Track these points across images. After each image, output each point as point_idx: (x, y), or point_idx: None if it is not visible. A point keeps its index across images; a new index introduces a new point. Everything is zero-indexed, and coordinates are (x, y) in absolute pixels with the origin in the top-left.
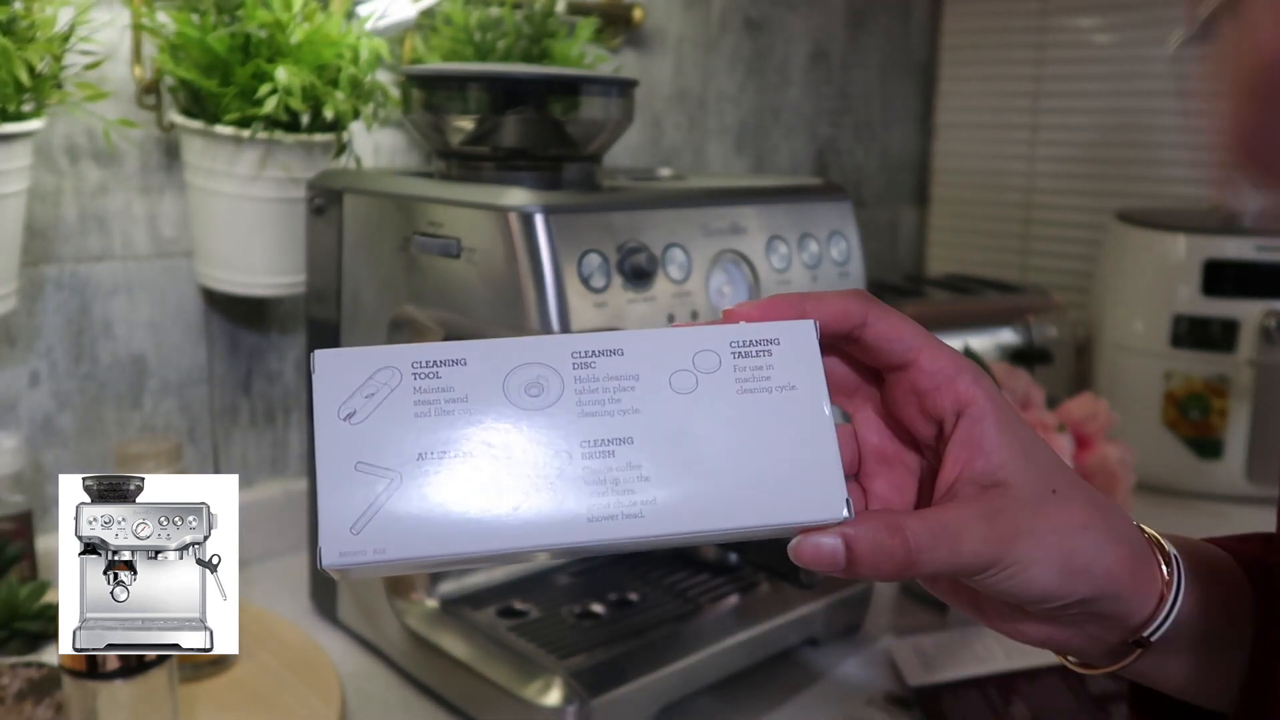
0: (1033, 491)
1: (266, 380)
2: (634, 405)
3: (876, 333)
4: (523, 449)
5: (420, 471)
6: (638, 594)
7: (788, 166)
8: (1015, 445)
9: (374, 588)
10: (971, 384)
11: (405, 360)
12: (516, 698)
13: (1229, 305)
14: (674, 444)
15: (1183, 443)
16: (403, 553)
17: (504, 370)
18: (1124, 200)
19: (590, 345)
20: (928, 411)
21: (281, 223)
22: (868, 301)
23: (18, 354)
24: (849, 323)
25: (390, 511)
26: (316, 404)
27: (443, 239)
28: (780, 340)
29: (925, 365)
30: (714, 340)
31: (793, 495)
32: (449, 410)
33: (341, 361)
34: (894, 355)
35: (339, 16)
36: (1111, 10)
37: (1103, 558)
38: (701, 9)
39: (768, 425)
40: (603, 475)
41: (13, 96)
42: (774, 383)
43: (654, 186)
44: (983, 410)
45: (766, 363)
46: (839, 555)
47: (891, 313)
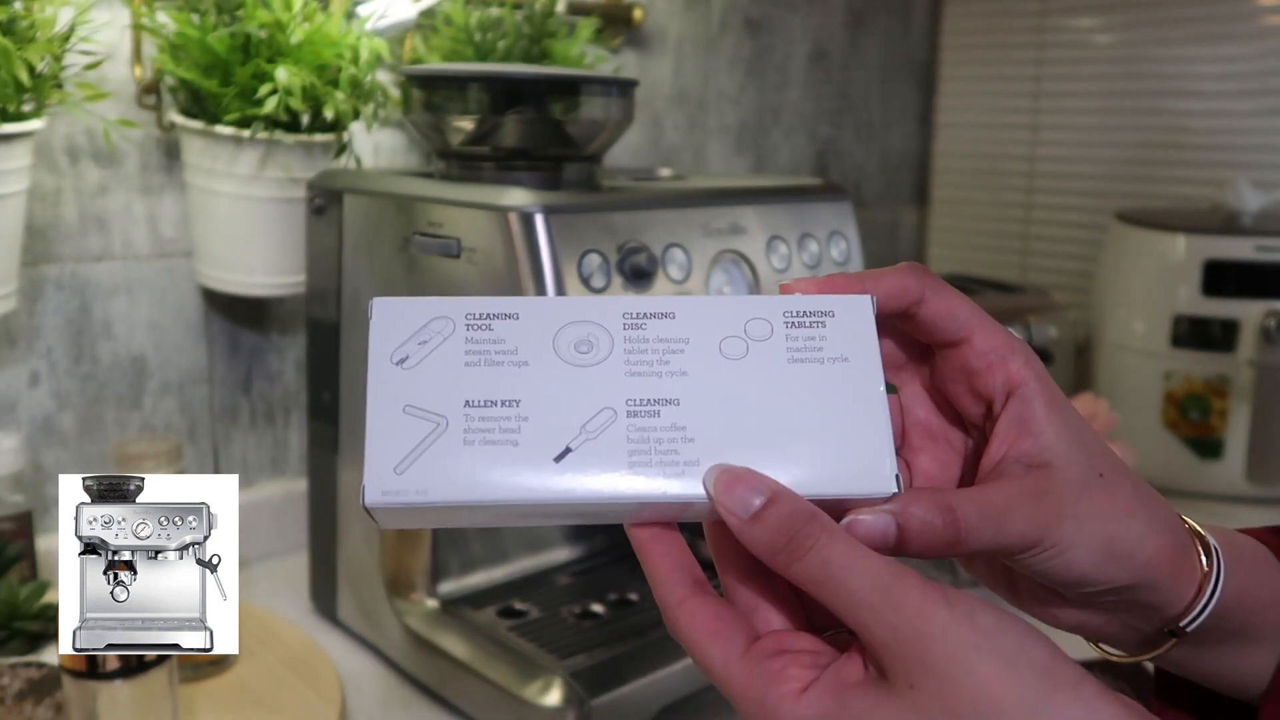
0: (1079, 474)
1: (266, 380)
2: (682, 368)
3: (932, 309)
4: (569, 404)
5: (467, 418)
6: (638, 594)
7: (788, 166)
8: (1064, 428)
9: (374, 588)
10: (1023, 365)
11: (459, 311)
12: (516, 698)
13: (1229, 305)
14: (721, 408)
15: (1183, 443)
16: (443, 496)
17: (555, 326)
18: (1124, 200)
19: (642, 307)
20: (977, 390)
21: (281, 223)
22: (924, 277)
23: (18, 354)
24: (906, 299)
25: (435, 454)
26: (371, 348)
27: (443, 239)
28: (835, 313)
29: (978, 344)
30: (767, 309)
31: (841, 467)
32: (498, 361)
33: (398, 309)
34: (948, 332)
35: (339, 16)
36: (1111, 10)
37: (1144, 546)
38: (701, 9)
39: (819, 396)
40: (647, 434)
41: (13, 96)
42: (826, 354)
43: (654, 186)
44: (1033, 391)
45: (820, 334)
46: (890, 533)
47: (947, 289)
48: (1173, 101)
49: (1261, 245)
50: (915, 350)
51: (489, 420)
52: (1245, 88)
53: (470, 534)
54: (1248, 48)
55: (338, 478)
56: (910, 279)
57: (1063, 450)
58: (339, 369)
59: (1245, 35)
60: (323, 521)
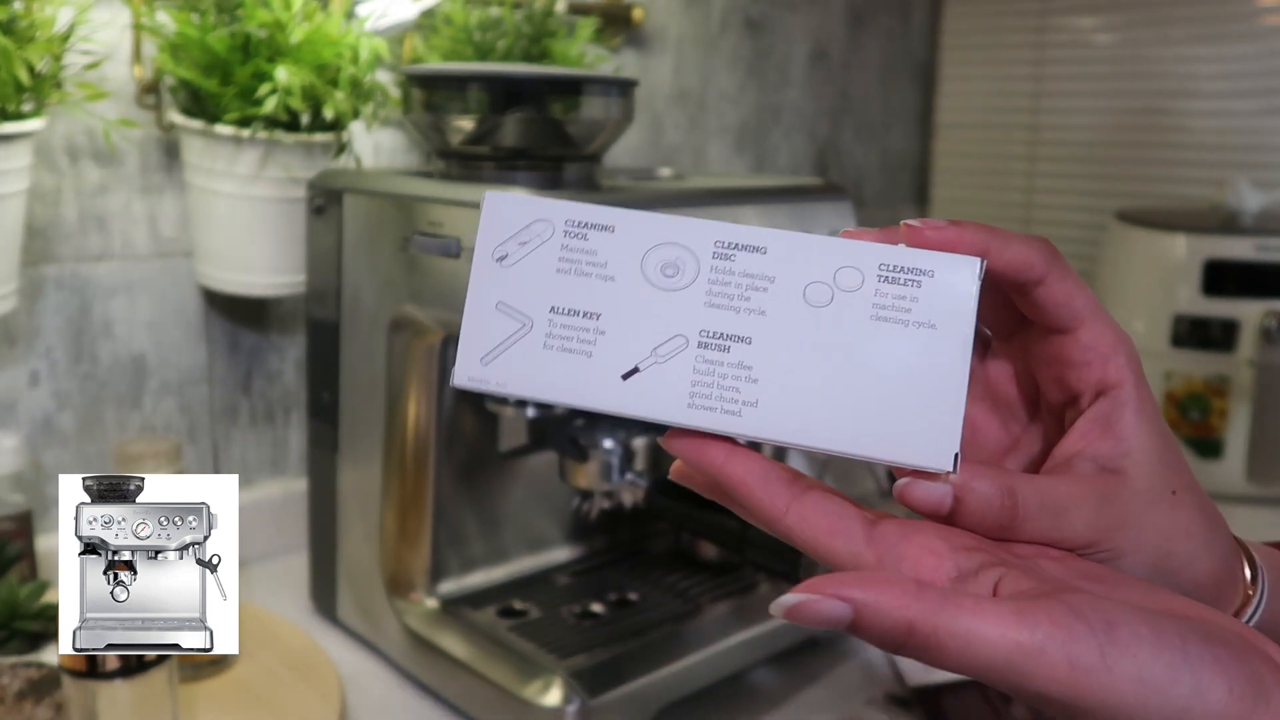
0: (1150, 486)
1: (266, 380)
2: (761, 306)
3: (1049, 293)
4: (645, 324)
5: (550, 323)
6: (638, 594)
7: (788, 166)
8: (1148, 437)
9: (374, 588)
10: (1124, 367)
11: (561, 216)
12: (516, 698)
13: (1229, 305)
14: (790, 353)
15: (1183, 443)
16: (520, 391)
17: (646, 245)
18: (1124, 200)
19: (735, 237)
20: (1068, 382)
21: (281, 223)
22: (1052, 259)
23: (18, 354)
24: (1026, 275)
25: (517, 352)
26: (480, 240)
27: (443, 239)
28: (935, 273)
29: (1083, 338)
30: (863, 257)
31: (900, 433)
32: (587, 273)
33: (506, 205)
34: (1058, 319)
35: (339, 16)
36: (1111, 10)
37: (1194, 566)
38: (701, 9)
39: (894, 359)
40: (713, 367)
41: (13, 96)
42: (914, 317)
43: (654, 186)
44: (1127, 396)
45: (912, 294)
46: (946, 504)
47: (1070, 275)
48: (1173, 101)
49: (1261, 245)
50: (1017, 317)
51: (569, 328)
52: (1245, 88)
53: (470, 534)
54: (1248, 48)
55: (338, 477)
56: (1037, 257)
57: (1142, 460)
58: (339, 369)
59: (1245, 35)
60: (323, 521)
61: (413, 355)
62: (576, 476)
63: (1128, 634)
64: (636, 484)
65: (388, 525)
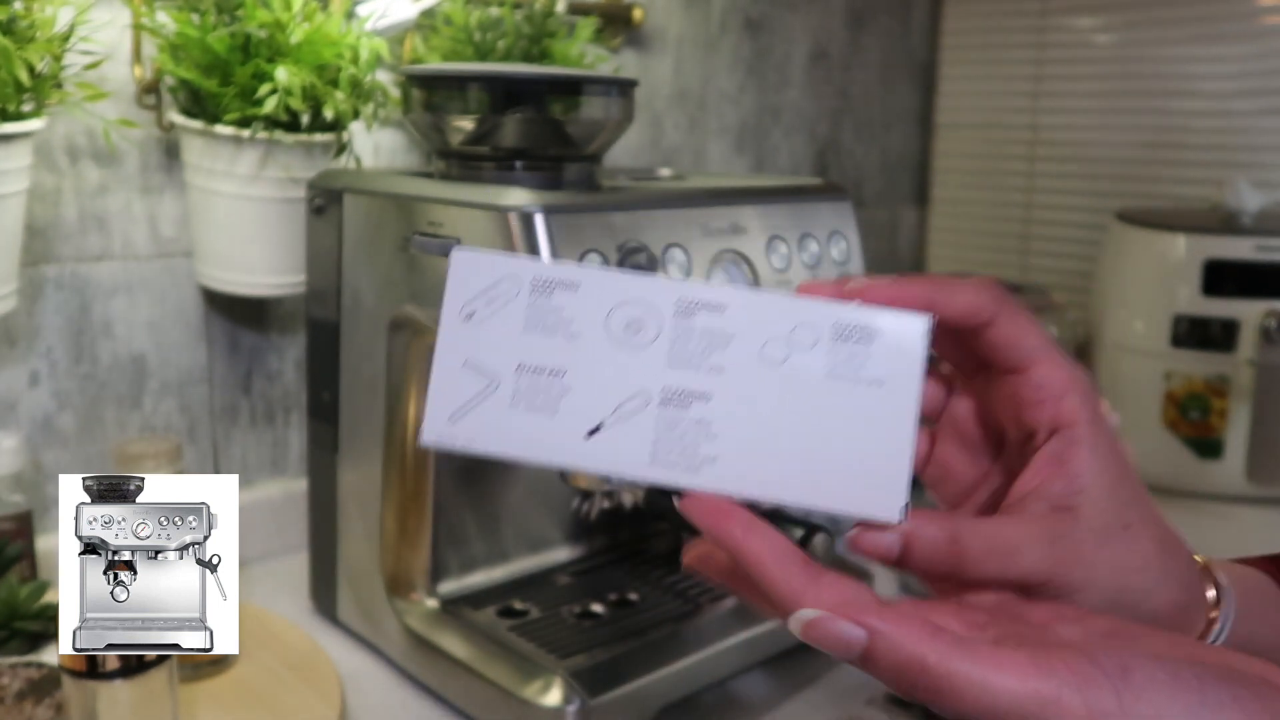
0: (1104, 523)
1: (266, 380)
2: (720, 364)
3: (998, 335)
4: (609, 382)
5: (516, 381)
6: (638, 594)
7: (788, 166)
8: (1102, 474)
9: (374, 588)
10: (1078, 405)
11: (528, 275)
12: (516, 698)
13: (1229, 305)
14: (747, 409)
15: (1183, 443)
16: (487, 448)
17: (610, 304)
18: (1124, 200)
19: (696, 296)
20: (1023, 420)
21: (281, 223)
22: (1000, 302)
23: (18, 354)
24: (976, 320)
25: (485, 410)
26: (446, 299)
27: (443, 239)
28: (885, 332)
29: (1035, 377)
30: (818, 316)
31: (851, 487)
32: (553, 331)
33: (474, 263)
34: (1009, 360)
35: (339, 16)
36: (1111, 10)
37: (1152, 598)
38: (701, 9)
39: (845, 415)
40: (674, 424)
41: (13, 96)
42: (865, 374)
43: (654, 186)
44: (1080, 435)
45: (864, 352)
46: (894, 550)
47: (1020, 317)
48: (1173, 101)
49: (1261, 245)
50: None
51: (535, 386)
52: (1245, 88)
53: (470, 534)
54: (1248, 48)
55: (338, 477)
56: (985, 300)
57: (1095, 497)
58: (339, 369)
59: (1245, 35)
60: (323, 521)
61: (413, 355)
62: (577, 476)
63: (1143, 678)
64: (636, 484)
65: (388, 525)
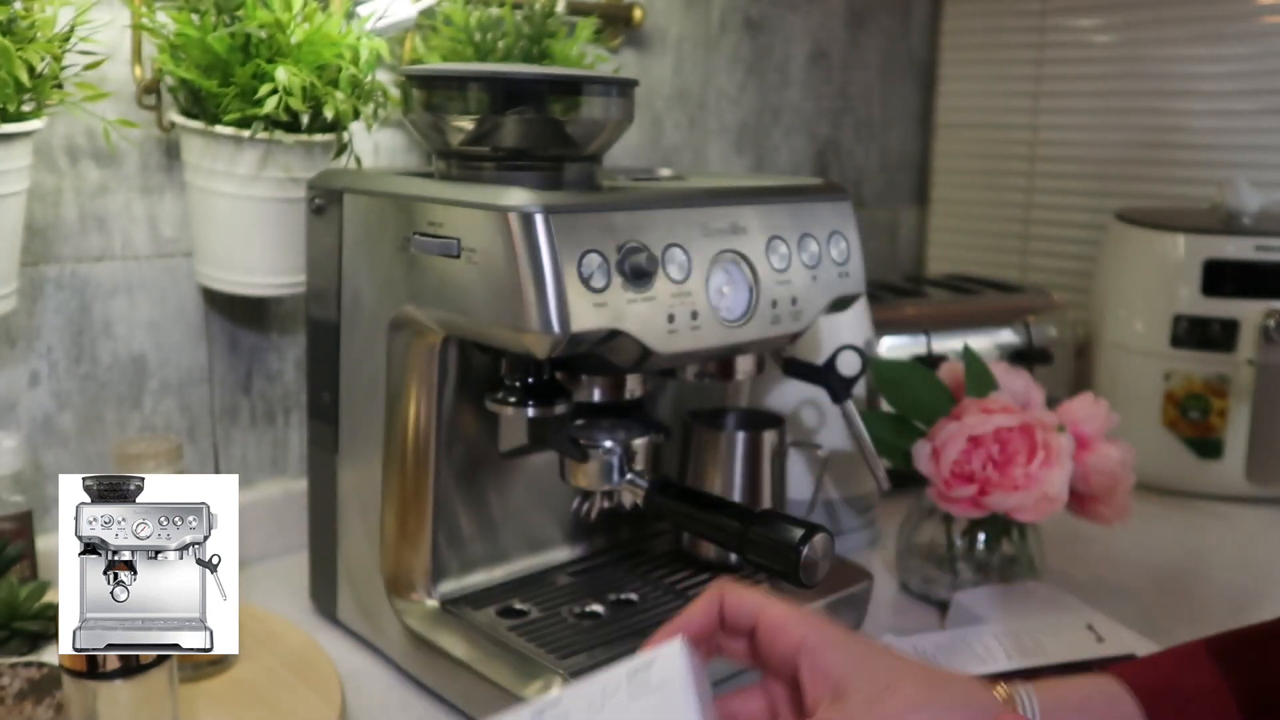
0: (869, 694)
1: (266, 380)
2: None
3: (729, 606)
4: None
5: None
6: (638, 594)
7: (788, 166)
8: (849, 661)
9: (374, 588)
10: (799, 625)
11: None
12: (517, 698)
13: (1229, 305)
14: None
15: (1183, 443)
16: None
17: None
18: (1124, 200)
19: (538, 708)
20: (778, 659)
21: (281, 223)
22: (723, 587)
23: (18, 354)
24: (713, 613)
25: None
26: None
27: (443, 239)
28: (656, 659)
29: (764, 622)
30: (617, 675)
31: None
32: None
33: None
34: (744, 620)
35: (339, 16)
36: (1111, 10)
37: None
38: (701, 9)
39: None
40: None
41: (13, 96)
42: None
43: (654, 186)
44: (813, 644)
45: (645, 675)
46: None
47: (742, 590)
48: (1173, 101)
49: (1261, 245)
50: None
51: None
52: (1245, 88)
53: (470, 534)
54: (1248, 48)
55: (338, 477)
56: (710, 598)
57: (853, 677)
58: (339, 369)
59: (1245, 35)
60: (323, 521)
61: (413, 355)
62: (576, 476)
63: None
64: (636, 484)
65: (388, 525)
